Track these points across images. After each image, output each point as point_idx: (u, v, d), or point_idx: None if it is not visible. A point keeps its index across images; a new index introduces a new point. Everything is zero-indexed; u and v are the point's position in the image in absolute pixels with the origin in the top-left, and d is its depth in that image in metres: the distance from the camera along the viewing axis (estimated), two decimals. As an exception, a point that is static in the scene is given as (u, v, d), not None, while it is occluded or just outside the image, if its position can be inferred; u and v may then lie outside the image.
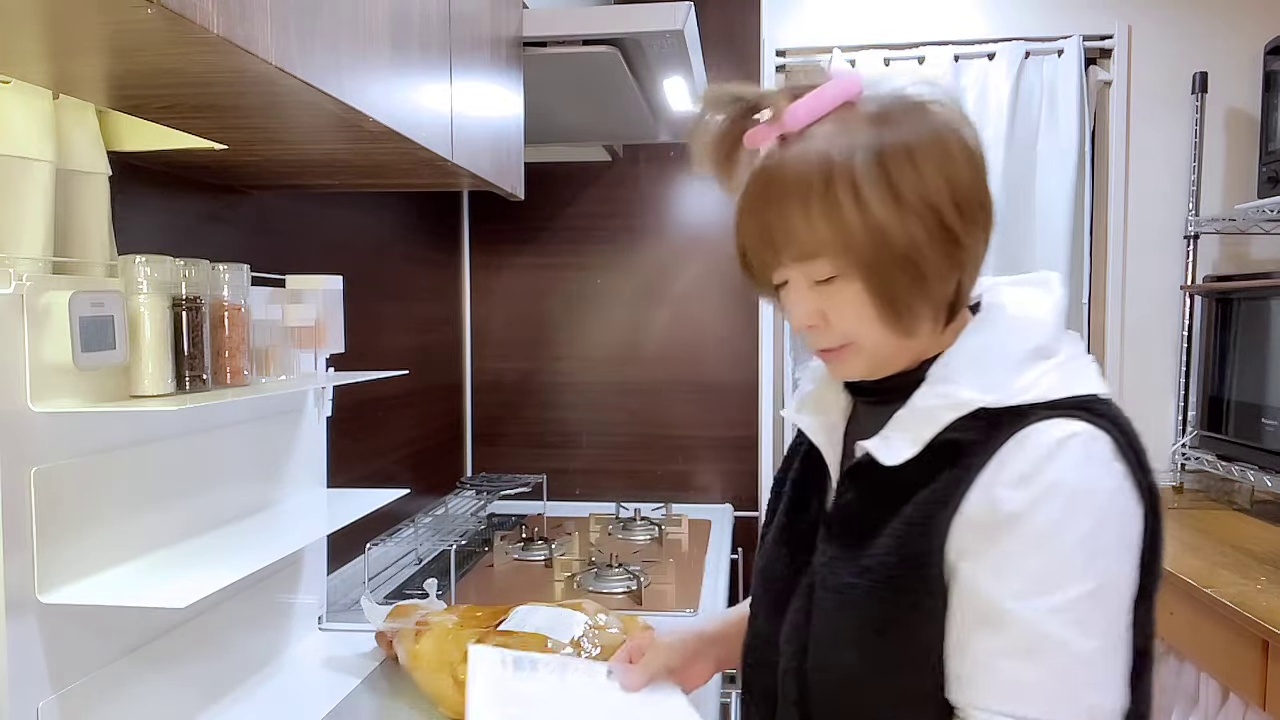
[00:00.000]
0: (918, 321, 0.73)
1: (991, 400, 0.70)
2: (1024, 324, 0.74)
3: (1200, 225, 2.33)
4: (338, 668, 1.32)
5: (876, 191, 0.68)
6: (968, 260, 0.72)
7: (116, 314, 0.91)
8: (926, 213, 0.69)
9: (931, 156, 0.69)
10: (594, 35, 1.47)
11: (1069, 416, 0.68)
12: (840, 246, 0.70)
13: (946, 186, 0.69)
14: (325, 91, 0.83)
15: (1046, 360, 0.72)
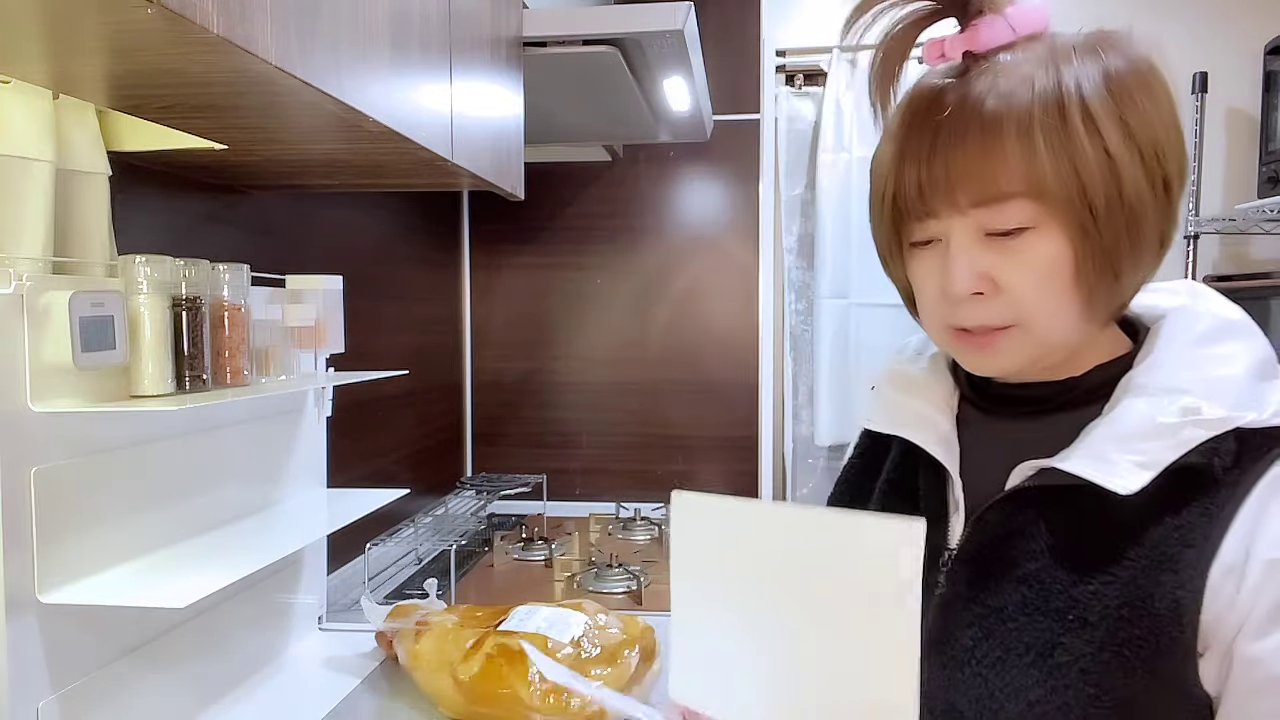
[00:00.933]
0: (1114, 301, 0.61)
1: (1251, 419, 0.57)
2: (1234, 330, 0.63)
3: (1200, 225, 2.32)
4: (338, 668, 1.32)
5: (1111, 123, 0.57)
6: (1168, 235, 0.61)
7: (116, 314, 0.91)
8: (1152, 158, 0.59)
9: (1156, 93, 0.60)
10: (594, 35, 1.47)
11: None
12: (1058, 186, 0.57)
13: (1167, 130, 0.60)
14: (325, 91, 0.83)
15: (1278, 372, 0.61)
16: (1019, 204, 0.58)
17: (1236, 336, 0.62)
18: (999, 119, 0.58)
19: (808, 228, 2.55)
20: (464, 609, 1.26)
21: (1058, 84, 0.58)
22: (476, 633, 1.13)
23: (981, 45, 0.63)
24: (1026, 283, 0.60)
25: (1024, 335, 0.61)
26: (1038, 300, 0.60)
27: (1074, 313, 0.60)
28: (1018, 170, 0.58)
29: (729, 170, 2.48)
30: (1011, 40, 0.62)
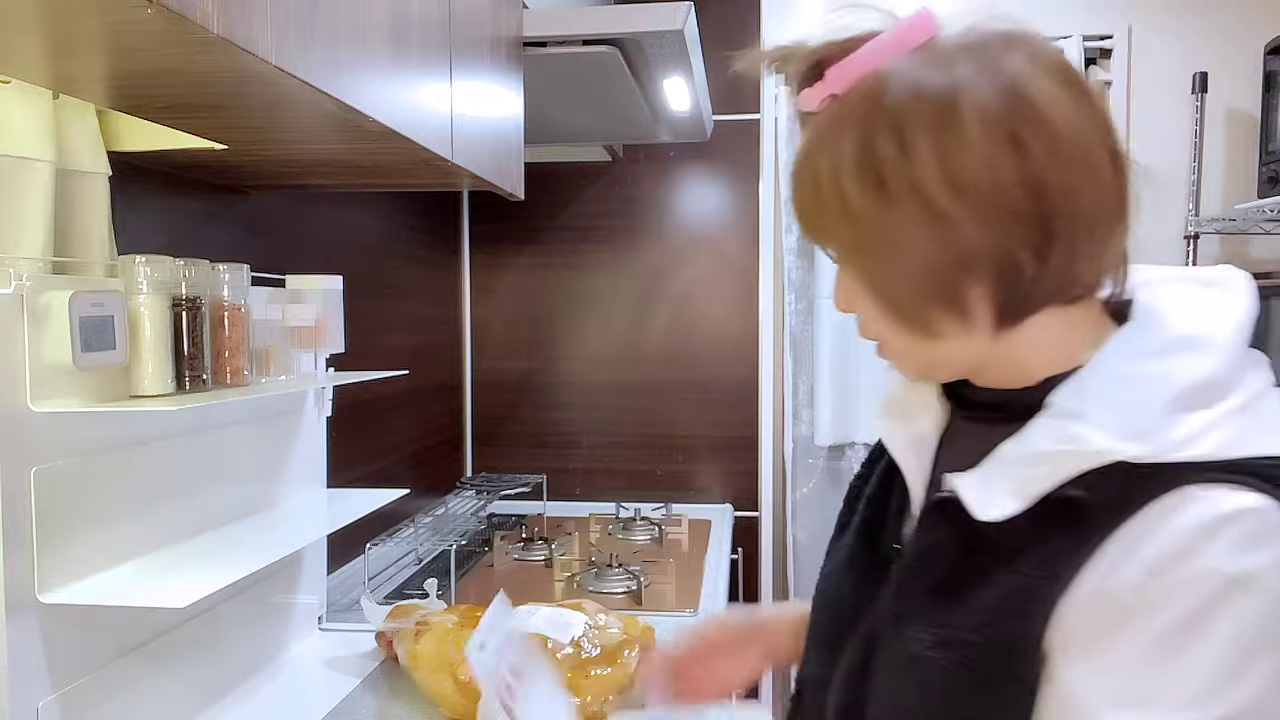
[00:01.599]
0: (935, 324, 0.59)
1: (1136, 453, 0.52)
2: (1191, 345, 0.56)
3: (1200, 225, 2.32)
4: (338, 668, 1.32)
5: (857, 177, 0.56)
6: (991, 264, 0.55)
7: (116, 314, 0.91)
8: (917, 205, 0.55)
9: (934, 139, 0.54)
10: (594, 35, 1.47)
11: (1240, 485, 0.51)
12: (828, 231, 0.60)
13: (944, 174, 0.54)
14: (325, 91, 0.83)
15: (1220, 402, 0.53)
16: (823, 242, 0.62)
17: (1185, 352, 0.56)
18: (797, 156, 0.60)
19: (808, 228, 2.54)
20: (464, 609, 1.26)
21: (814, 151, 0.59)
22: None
23: (806, 108, 0.61)
24: (862, 310, 0.63)
25: (892, 354, 0.64)
26: (876, 326, 0.63)
27: (906, 333, 0.61)
28: (803, 213, 0.61)
29: (729, 170, 2.48)
30: (827, 99, 0.60)
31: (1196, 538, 0.50)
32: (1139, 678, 0.51)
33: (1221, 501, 0.50)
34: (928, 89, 0.55)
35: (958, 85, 0.54)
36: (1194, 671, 0.49)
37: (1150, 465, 0.52)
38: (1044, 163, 0.54)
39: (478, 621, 1.17)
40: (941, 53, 0.57)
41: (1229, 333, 0.58)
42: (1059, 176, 0.54)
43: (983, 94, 0.54)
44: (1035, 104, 0.54)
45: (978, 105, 0.54)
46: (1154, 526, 0.51)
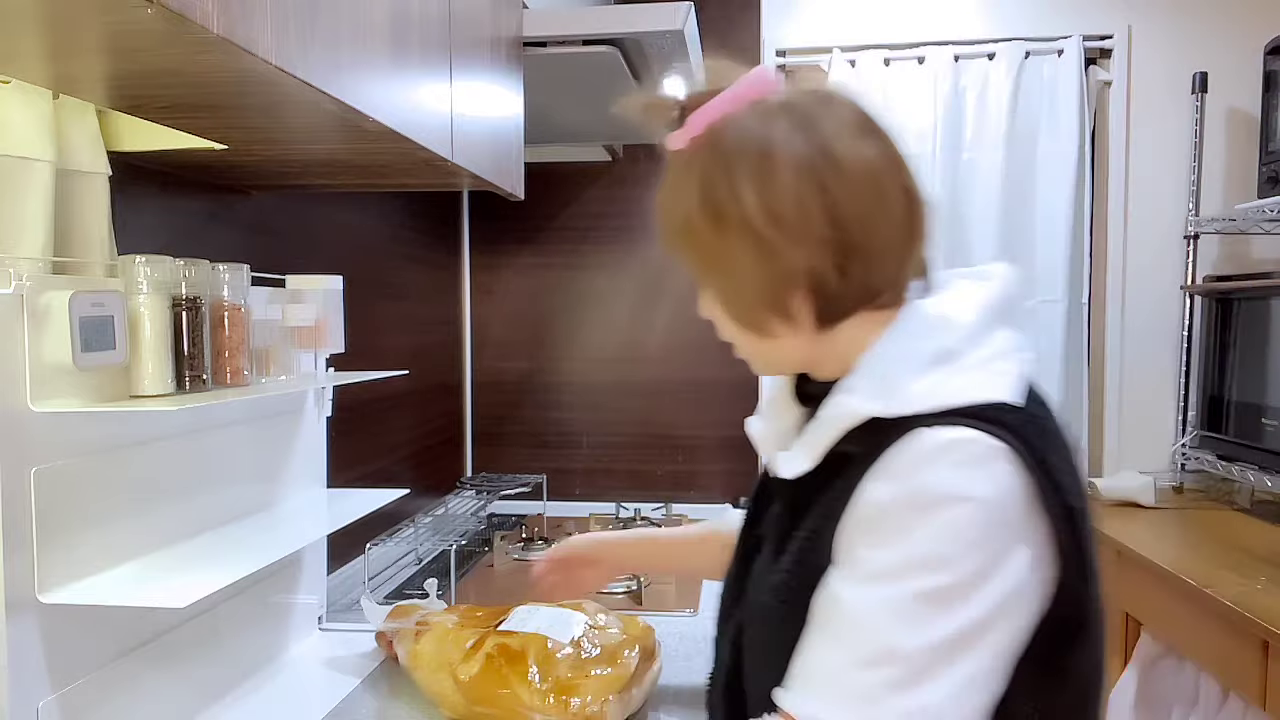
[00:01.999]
0: (769, 327, 0.74)
1: (881, 409, 0.67)
2: (934, 324, 0.71)
3: (1200, 225, 2.33)
4: (338, 668, 1.32)
5: (696, 208, 0.71)
6: (802, 275, 0.69)
7: (116, 314, 0.91)
8: (743, 230, 0.70)
9: (754, 178, 0.69)
10: (594, 35, 1.47)
11: (960, 424, 0.64)
12: (678, 251, 0.75)
13: (764, 205, 0.68)
14: (325, 91, 0.83)
15: (951, 364, 0.68)
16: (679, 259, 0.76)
17: (930, 332, 0.70)
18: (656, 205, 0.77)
19: (808, 228, 2.55)
20: (464, 609, 1.26)
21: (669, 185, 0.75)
22: (476, 633, 1.13)
23: (674, 147, 0.76)
24: (716, 317, 0.78)
25: (741, 351, 0.79)
26: (725, 329, 0.78)
27: (750, 336, 0.76)
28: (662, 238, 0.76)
29: (729, 170, 2.47)
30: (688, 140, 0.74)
31: (921, 462, 0.64)
32: (865, 560, 0.65)
33: (941, 435, 0.64)
34: (752, 139, 0.70)
35: (774, 138, 0.69)
36: (911, 553, 0.63)
37: (896, 418, 0.67)
38: (842, 200, 0.68)
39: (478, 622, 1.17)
40: (768, 109, 0.71)
41: (971, 313, 0.71)
42: (855, 210, 0.68)
43: (795, 145, 0.69)
44: (836, 153, 0.69)
45: (790, 154, 0.69)
46: (892, 459, 0.65)
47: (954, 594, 0.62)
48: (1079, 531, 0.65)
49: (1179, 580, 1.66)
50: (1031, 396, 0.69)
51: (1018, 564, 0.63)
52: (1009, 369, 0.69)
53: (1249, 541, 1.89)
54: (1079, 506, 0.65)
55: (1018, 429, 0.64)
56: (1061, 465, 0.65)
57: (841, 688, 0.63)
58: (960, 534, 0.62)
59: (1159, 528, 2.02)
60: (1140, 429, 2.45)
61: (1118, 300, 2.44)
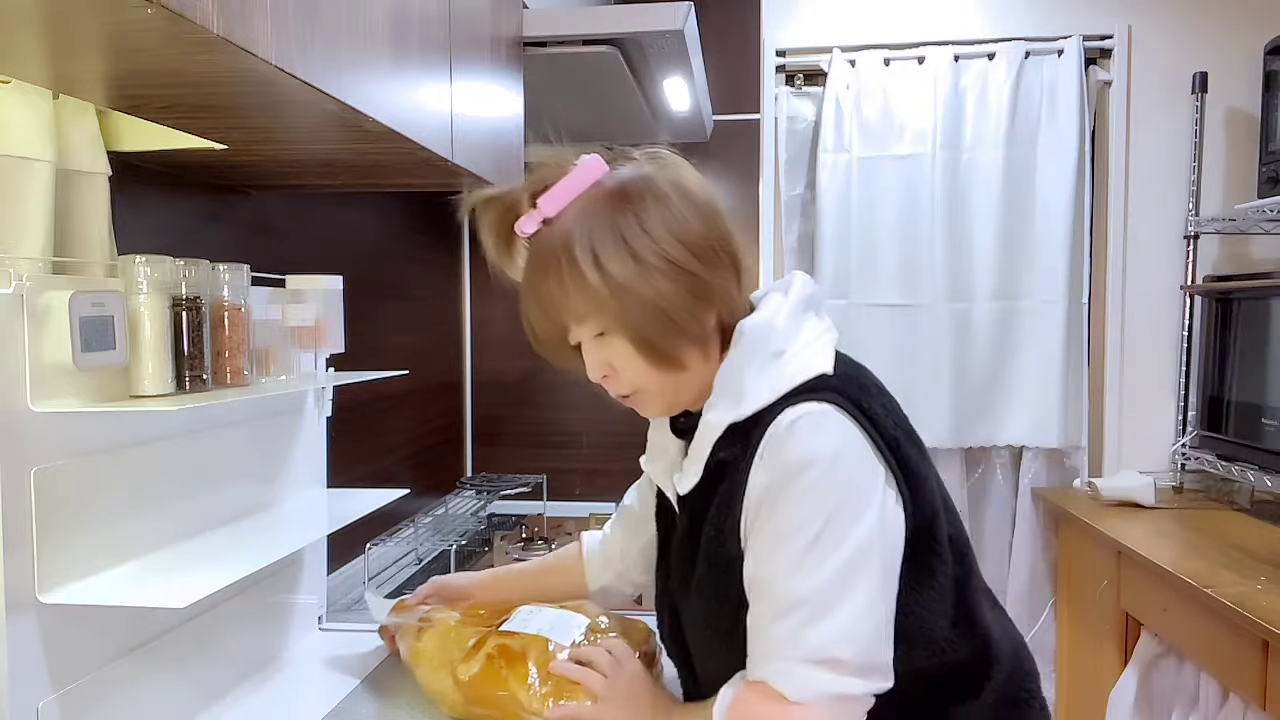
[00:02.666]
0: (685, 358, 0.83)
1: (734, 415, 0.82)
2: (762, 332, 0.84)
3: (1200, 225, 2.33)
4: (338, 668, 1.32)
5: (612, 257, 0.80)
6: (716, 295, 0.83)
7: (116, 314, 0.91)
8: (661, 263, 0.80)
9: (657, 216, 0.81)
10: (594, 35, 1.47)
11: (796, 402, 0.79)
12: (596, 308, 0.81)
13: (673, 237, 0.81)
14: (325, 91, 0.83)
15: (780, 358, 0.82)
16: (590, 320, 0.84)
17: (758, 339, 0.83)
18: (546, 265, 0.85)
19: (808, 227, 2.55)
20: (467, 606, 1.26)
21: (572, 232, 0.82)
22: (478, 632, 1.13)
23: (528, 231, 0.86)
24: (625, 366, 0.85)
25: (648, 394, 0.87)
26: (636, 375, 0.85)
27: (664, 373, 0.84)
28: (568, 300, 0.83)
29: (729, 170, 2.48)
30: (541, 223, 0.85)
31: (778, 444, 0.78)
32: (761, 537, 0.79)
33: (784, 416, 0.78)
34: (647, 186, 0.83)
35: (661, 184, 0.83)
36: (790, 517, 0.76)
37: (749, 418, 0.81)
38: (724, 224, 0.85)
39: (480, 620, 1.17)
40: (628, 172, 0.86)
41: (784, 315, 0.85)
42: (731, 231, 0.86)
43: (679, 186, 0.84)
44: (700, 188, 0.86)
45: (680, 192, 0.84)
46: (763, 450, 0.79)
47: (831, 535, 0.75)
48: (904, 456, 0.80)
49: (1179, 580, 1.66)
50: (842, 360, 0.85)
51: (875, 494, 0.78)
52: (822, 347, 0.85)
53: (1249, 541, 1.89)
54: (897, 436, 0.80)
55: (839, 389, 0.80)
56: (878, 408, 0.81)
57: (770, 643, 0.77)
58: (821, 488, 0.76)
59: (1159, 528, 2.02)
60: (1140, 429, 2.45)
61: (1118, 300, 2.44)
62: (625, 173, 0.85)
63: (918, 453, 0.83)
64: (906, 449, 0.81)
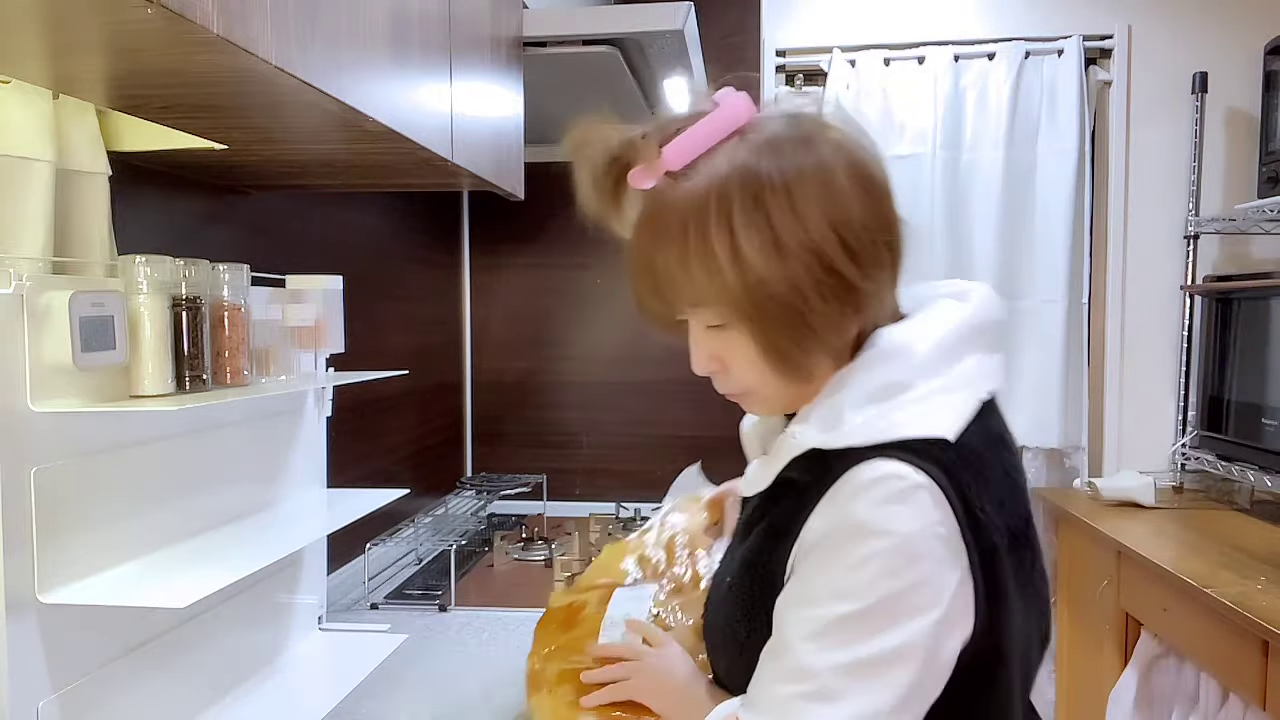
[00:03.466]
0: (815, 369, 0.71)
1: (821, 441, 0.68)
2: (889, 354, 0.70)
3: (1200, 225, 2.33)
4: (338, 668, 1.32)
5: (753, 241, 0.65)
6: (866, 302, 0.68)
7: (116, 314, 0.91)
8: (810, 259, 0.65)
9: (815, 196, 0.65)
10: (594, 35, 1.47)
11: (890, 458, 0.65)
12: (720, 297, 0.68)
13: (831, 228, 0.65)
14: (325, 91, 0.83)
15: (895, 397, 0.68)
16: (708, 308, 0.70)
17: (882, 363, 0.70)
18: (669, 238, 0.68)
19: (808, 228, 2.54)
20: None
21: (708, 203, 0.66)
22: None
23: (642, 185, 0.70)
24: (739, 365, 0.72)
25: (757, 400, 0.76)
26: (749, 377, 0.73)
27: (785, 380, 0.71)
28: (690, 283, 0.68)
29: (729, 170, 2.47)
30: (662, 178, 0.69)
31: (850, 496, 0.65)
32: (801, 584, 0.68)
33: (869, 470, 0.65)
34: (802, 164, 0.66)
35: (823, 158, 0.67)
36: (832, 581, 0.65)
37: (840, 450, 0.67)
38: (891, 207, 0.69)
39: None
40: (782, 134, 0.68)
41: (930, 342, 0.70)
42: (896, 214, 0.70)
43: (842, 162, 0.67)
44: (869, 165, 0.69)
45: (846, 170, 0.67)
46: (835, 492, 0.67)
47: (871, 621, 0.63)
48: (994, 570, 0.66)
49: (1179, 580, 1.66)
50: (980, 430, 0.69)
51: (939, 598, 0.64)
52: (961, 402, 0.69)
53: (1249, 541, 1.89)
54: (998, 544, 0.66)
55: (948, 465, 0.65)
56: (988, 504, 0.66)
57: (769, 698, 0.68)
58: (880, 567, 0.63)
59: (1159, 528, 2.02)
60: (1140, 429, 2.45)
61: (1118, 300, 2.44)
62: (779, 127, 0.68)
63: (1017, 568, 0.68)
64: (1002, 564, 0.66)
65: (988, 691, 0.68)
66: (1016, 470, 0.72)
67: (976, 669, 0.67)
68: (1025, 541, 0.70)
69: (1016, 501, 0.69)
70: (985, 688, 0.68)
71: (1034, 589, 0.72)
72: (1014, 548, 0.67)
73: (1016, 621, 0.68)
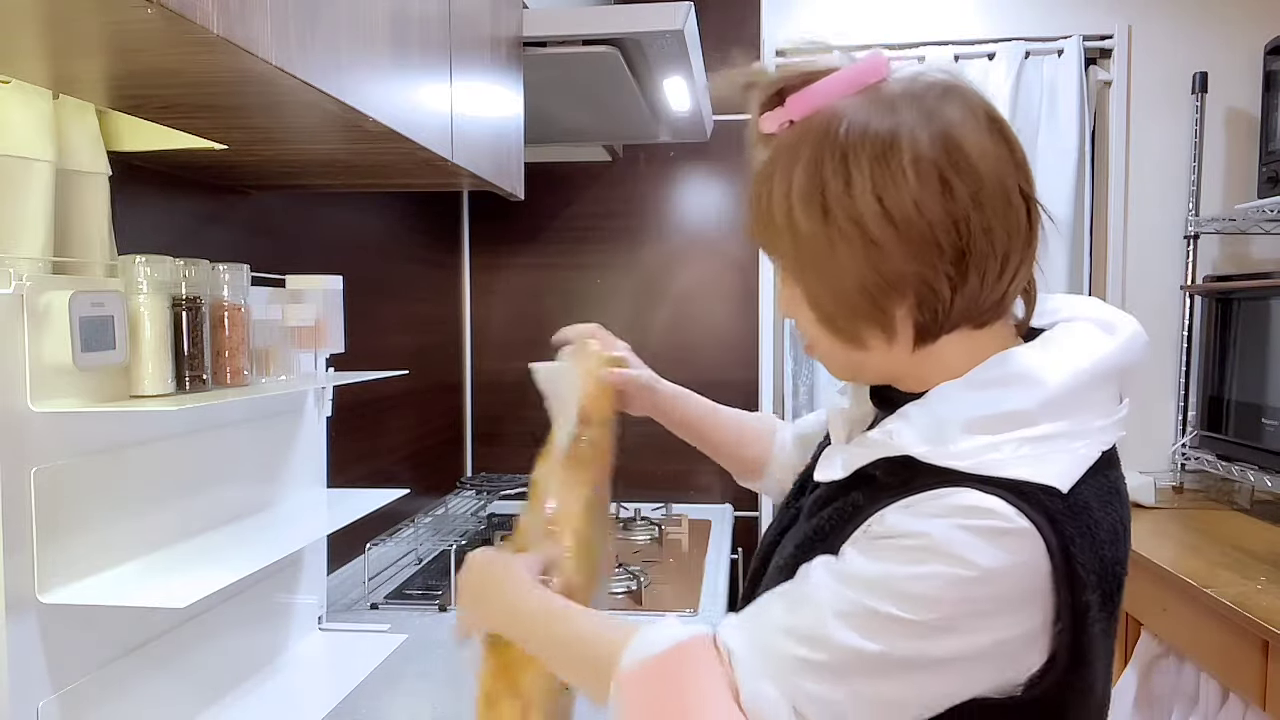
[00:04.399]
0: (865, 338, 0.68)
1: (923, 454, 0.64)
2: (1015, 378, 0.65)
3: (1200, 225, 2.32)
4: (338, 668, 1.32)
5: (808, 203, 0.65)
6: (912, 285, 0.65)
7: (116, 314, 0.91)
8: (854, 231, 0.63)
9: (873, 172, 0.63)
10: (594, 35, 1.47)
11: (995, 494, 0.61)
12: (779, 251, 0.69)
13: (880, 203, 0.63)
14: (325, 91, 0.83)
15: (1012, 430, 0.63)
16: (774, 258, 0.70)
17: (1009, 386, 0.65)
18: (752, 181, 0.70)
19: (808, 228, 2.55)
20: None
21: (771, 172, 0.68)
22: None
23: (766, 130, 0.70)
24: (800, 319, 0.72)
25: (823, 356, 0.73)
26: (812, 332, 0.72)
27: (834, 339, 0.70)
28: (759, 232, 0.70)
29: (729, 170, 2.48)
30: (785, 124, 0.69)
31: (943, 511, 0.61)
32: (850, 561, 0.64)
33: (970, 497, 0.61)
34: (871, 130, 0.64)
35: (898, 129, 0.63)
36: (890, 578, 0.61)
37: (929, 465, 0.63)
38: (966, 204, 0.63)
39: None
40: (888, 96, 0.65)
41: (1062, 377, 0.65)
42: (979, 217, 0.63)
43: (919, 139, 0.63)
44: (964, 152, 0.63)
45: (914, 149, 0.63)
46: (923, 500, 0.63)
47: (906, 630, 0.61)
48: (1082, 626, 0.62)
49: (1179, 580, 1.66)
50: (1097, 479, 0.65)
51: (987, 638, 0.61)
52: (1076, 449, 0.64)
53: (1249, 541, 1.89)
54: (1090, 602, 0.62)
55: (1054, 515, 0.61)
56: (1090, 559, 0.62)
57: (768, 643, 0.65)
58: (943, 587, 0.60)
59: (1159, 528, 2.02)
60: (1140, 429, 2.45)
61: (1118, 300, 2.44)
62: (868, 109, 0.65)
63: (1106, 622, 0.65)
64: (1093, 620, 0.63)
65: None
66: (1124, 526, 0.68)
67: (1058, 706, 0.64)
68: (1117, 599, 0.66)
69: (1119, 560, 0.66)
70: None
71: (1112, 641, 0.69)
72: (1105, 604, 0.64)
73: (1099, 670, 0.66)
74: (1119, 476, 0.70)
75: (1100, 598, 0.63)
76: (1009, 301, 0.68)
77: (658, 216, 2.49)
